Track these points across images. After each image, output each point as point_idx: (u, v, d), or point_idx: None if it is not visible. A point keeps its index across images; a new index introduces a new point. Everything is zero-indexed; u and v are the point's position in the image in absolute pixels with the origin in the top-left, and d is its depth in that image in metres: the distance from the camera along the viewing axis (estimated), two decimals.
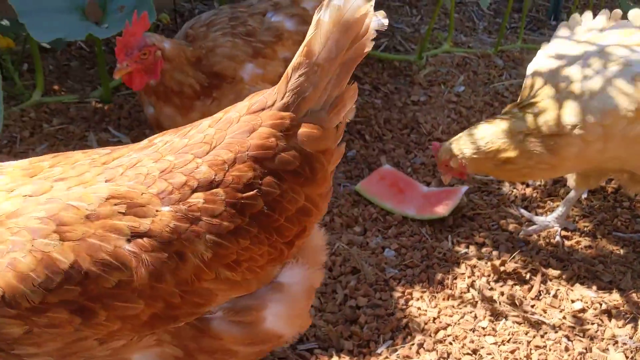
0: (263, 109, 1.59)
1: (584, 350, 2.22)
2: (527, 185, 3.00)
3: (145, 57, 2.46)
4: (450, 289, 2.46)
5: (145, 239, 1.42)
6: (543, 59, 2.46)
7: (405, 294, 2.42)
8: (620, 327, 2.33)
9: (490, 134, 2.41)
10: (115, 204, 1.42)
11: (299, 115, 1.59)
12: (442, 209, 2.73)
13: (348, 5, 1.53)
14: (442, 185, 2.94)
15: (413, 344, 2.23)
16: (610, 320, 2.36)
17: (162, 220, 1.44)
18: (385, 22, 1.57)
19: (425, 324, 2.31)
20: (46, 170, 1.51)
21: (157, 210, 1.45)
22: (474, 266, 2.55)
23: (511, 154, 2.37)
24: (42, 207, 1.40)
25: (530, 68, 2.52)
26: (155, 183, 1.49)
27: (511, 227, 2.75)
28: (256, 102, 1.61)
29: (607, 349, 2.24)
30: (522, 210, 2.83)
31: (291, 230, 1.61)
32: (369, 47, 1.58)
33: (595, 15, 2.57)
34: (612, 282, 2.52)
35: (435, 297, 2.43)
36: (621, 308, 2.40)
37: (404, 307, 2.37)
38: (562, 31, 2.58)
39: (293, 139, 1.58)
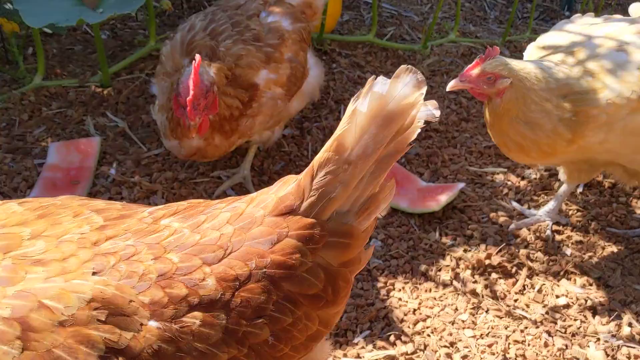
0: (291, 211, 1.33)
1: (564, 347, 2.20)
2: (522, 178, 2.96)
3: (208, 99, 2.29)
4: (434, 280, 2.44)
5: (120, 358, 1.15)
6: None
7: (388, 284, 2.42)
8: (603, 324, 2.29)
9: (547, 77, 2.21)
10: (96, 309, 1.16)
11: (324, 219, 1.34)
12: (433, 204, 2.70)
13: (393, 93, 1.29)
14: (435, 177, 2.92)
15: (390, 335, 2.22)
16: (594, 317, 2.32)
17: (145, 339, 1.17)
18: (437, 112, 1.35)
19: (405, 315, 2.30)
20: (25, 245, 1.23)
21: (141, 325, 1.18)
22: (460, 258, 2.53)
23: (544, 122, 2.20)
24: (10, 303, 1.13)
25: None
26: (149, 289, 1.21)
27: (502, 220, 2.72)
28: (286, 199, 1.35)
29: (588, 346, 2.21)
30: (514, 203, 2.80)
31: (294, 359, 1.37)
32: (412, 137, 1.34)
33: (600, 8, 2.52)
34: (600, 279, 2.48)
35: (418, 288, 2.42)
36: (607, 305, 2.36)
37: (385, 297, 2.36)
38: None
39: (319, 255, 1.34)
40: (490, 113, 2.28)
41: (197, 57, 2.23)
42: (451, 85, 2.22)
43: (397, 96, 1.29)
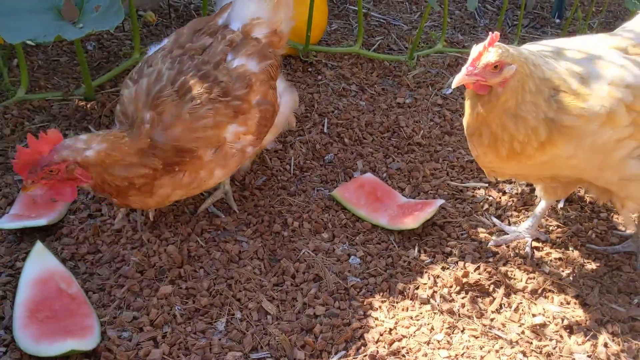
0: None
1: None
2: (504, 193, 2.96)
3: (54, 173, 2.16)
4: (411, 299, 2.45)
5: None
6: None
7: (365, 303, 2.42)
8: (579, 344, 2.29)
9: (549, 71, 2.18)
10: None
11: None
12: (412, 221, 2.70)
13: None
14: (416, 192, 2.92)
15: (366, 355, 2.22)
16: (570, 337, 2.32)
17: None
18: None
19: (381, 335, 2.30)
20: None
21: None
22: (437, 276, 2.53)
23: (529, 117, 2.16)
24: None
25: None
26: None
27: (481, 236, 2.72)
28: None
29: None
30: (495, 219, 2.80)
31: None
32: None
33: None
34: (578, 296, 2.48)
35: (395, 307, 2.42)
36: (583, 324, 2.36)
37: (362, 317, 2.37)
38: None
39: None
40: (484, 104, 2.18)
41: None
42: (457, 81, 2.14)
43: None
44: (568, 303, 2.46)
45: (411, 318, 2.37)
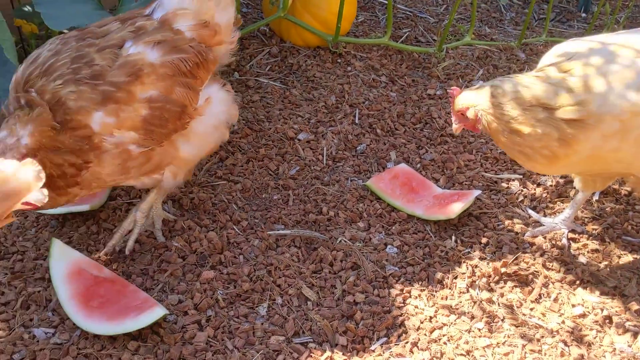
0: None
1: (580, 357, 2.21)
2: (538, 185, 2.97)
3: None
4: (450, 288, 2.46)
5: None
6: (567, 46, 2.41)
7: (404, 291, 2.43)
8: (620, 335, 2.30)
9: (515, 93, 2.26)
10: None
11: None
12: (449, 211, 2.70)
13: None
14: (451, 183, 2.93)
15: (407, 342, 2.24)
16: (610, 327, 2.33)
17: None
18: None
19: (421, 322, 2.32)
20: None
21: None
22: (476, 266, 2.54)
23: (524, 129, 2.23)
24: None
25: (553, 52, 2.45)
26: None
27: (517, 227, 2.73)
28: None
29: (604, 356, 2.22)
30: (530, 211, 2.80)
31: None
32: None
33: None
34: (616, 288, 2.48)
35: (434, 296, 2.43)
36: (623, 315, 2.37)
37: (401, 305, 2.38)
38: None
39: None
40: (491, 136, 2.41)
41: None
42: (454, 130, 2.50)
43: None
44: (606, 294, 2.46)
45: (451, 307, 2.38)
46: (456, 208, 2.71)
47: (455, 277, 2.50)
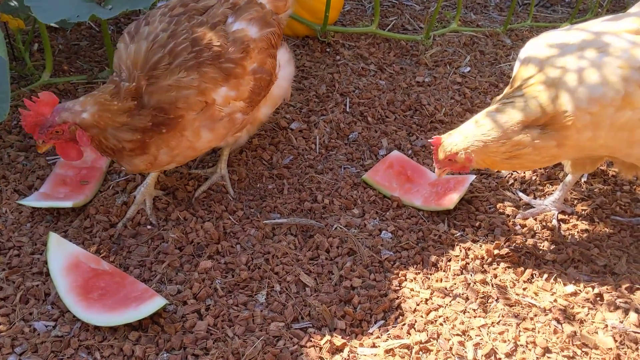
0: None
1: (573, 333, 2.26)
2: None
3: (60, 134, 2.23)
4: (444, 271, 2.50)
5: None
6: (535, 46, 2.43)
7: (399, 275, 2.47)
8: (611, 311, 2.35)
9: (502, 125, 2.31)
10: None
11: None
12: (448, 202, 2.73)
13: None
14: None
15: (404, 324, 2.28)
16: (601, 305, 2.39)
17: None
18: None
19: (417, 305, 2.36)
20: None
21: None
22: (469, 249, 2.58)
23: (525, 151, 2.30)
24: None
25: (522, 54, 2.49)
26: None
27: (508, 210, 2.78)
28: None
29: (596, 332, 2.28)
30: (520, 194, 2.85)
31: None
32: None
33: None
34: (606, 266, 2.54)
35: (429, 278, 2.47)
36: (613, 292, 2.42)
37: (397, 288, 2.42)
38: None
39: None
40: (488, 167, 2.49)
41: None
42: (437, 175, 2.53)
43: None
44: (597, 273, 2.52)
45: (446, 289, 2.43)
46: (454, 198, 2.74)
47: (449, 260, 2.54)
